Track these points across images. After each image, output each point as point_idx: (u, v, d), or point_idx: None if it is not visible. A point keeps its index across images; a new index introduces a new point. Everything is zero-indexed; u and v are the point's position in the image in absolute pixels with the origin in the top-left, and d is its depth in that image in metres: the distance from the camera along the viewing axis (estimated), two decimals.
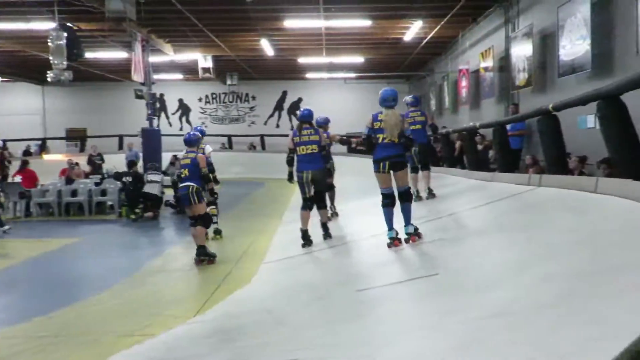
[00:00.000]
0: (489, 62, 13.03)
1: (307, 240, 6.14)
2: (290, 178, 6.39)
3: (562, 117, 5.74)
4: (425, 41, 16.15)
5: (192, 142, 6.79)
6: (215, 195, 7.50)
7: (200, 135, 7.28)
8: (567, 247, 3.07)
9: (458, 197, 6.89)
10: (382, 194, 5.16)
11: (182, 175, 6.47)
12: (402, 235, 4.95)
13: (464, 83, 15.25)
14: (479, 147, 9.97)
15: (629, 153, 4.17)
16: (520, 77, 10.91)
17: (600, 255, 2.67)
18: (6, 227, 8.98)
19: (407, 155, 5.59)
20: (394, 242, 4.90)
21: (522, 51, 10.75)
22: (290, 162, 6.34)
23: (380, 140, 5.21)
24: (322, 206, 6.51)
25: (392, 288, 3.51)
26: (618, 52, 7.77)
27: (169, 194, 11.56)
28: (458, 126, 13.22)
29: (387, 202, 5.10)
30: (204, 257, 6.23)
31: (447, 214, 5.83)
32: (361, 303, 3.36)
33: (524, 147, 10.42)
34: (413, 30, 14.56)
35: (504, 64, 12.29)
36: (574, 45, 8.50)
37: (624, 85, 4.07)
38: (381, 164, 5.10)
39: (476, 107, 14.49)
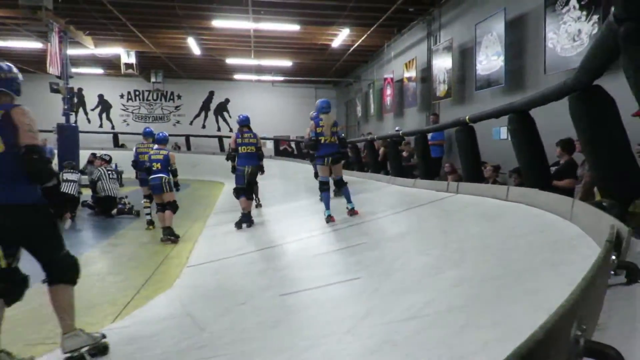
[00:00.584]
0: (412, 73, 13.54)
1: (250, 220, 7.59)
2: (233, 170, 7.85)
3: (478, 128, 6.09)
4: (352, 49, 16.53)
5: (162, 140, 8.10)
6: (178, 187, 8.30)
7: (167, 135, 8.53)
8: (479, 252, 3.27)
9: (381, 202, 7.10)
10: (320, 181, 6.84)
11: (154, 168, 7.72)
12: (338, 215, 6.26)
13: (388, 91, 15.74)
14: (404, 153, 10.32)
15: (536, 164, 4.51)
16: (441, 89, 11.43)
17: (507, 260, 2.88)
18: None
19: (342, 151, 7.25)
20: (331, 218, 6.40)
21: (443, 64, 11.27)
22: (232, 159, 7.88)
23: (322, 141, 6.70)
24: (250, 197, 7.81)
25: (315, 292, 3.57)
26: (529, 69, 8.35)
27: (86, 194, 11.03)
28: (383, 133, 13.64)
29: (325, 188, 6.73)
30: (171, 236, 7.38)
31: (369, 219, 6.00)
32: (284, 307, 3.39)
33: (444, 155, 10.92)
34: (341, 37, 14.86)
35: (426, 75, 12.83)
36: (490, 60, 9.03)
37: (532, 101, 4.39)
38: (325, 159, 6.75)
39: (400, 115, 14.99)
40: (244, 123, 7.99)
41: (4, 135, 2.86)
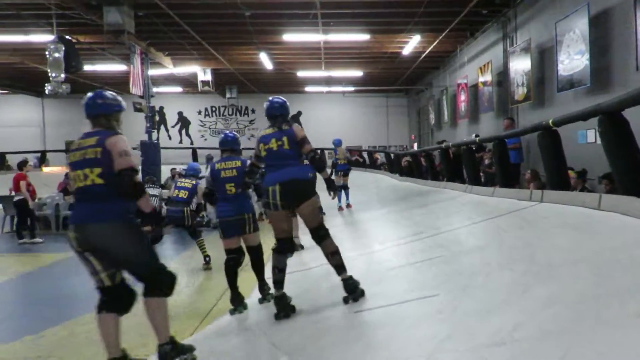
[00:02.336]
0: (487, 77, 13.04)
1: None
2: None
3: (561, 132, 5.68)
4: (423, 55, 16.22)
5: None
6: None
7: None
8: (571, 267, 2.98)
9: (457, 212, 6.80)
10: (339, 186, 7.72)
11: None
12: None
13: (462, 97, 15.26)
14: (486, 160, 9.90)
15: (632, 170, 4.11)
16: (519, 92, 10.90)
17: (605, 276, 2.58)
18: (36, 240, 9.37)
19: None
20: (340, 208, 10.26)
21: (521, 66, 10.75)
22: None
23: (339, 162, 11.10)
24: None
25: (391, 309, 3.41)
26: (616, 67, 7.75)
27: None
28: (457, 140, 13.21)
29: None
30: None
31: (445, 230, 5.74)
32: (358, 326, 3.26)
33: (523, 161, 10.37)
34: (411, 44, 14.61)
35: (502, 79, 12.30)
36: (573, 60, 8.48)
37: (624, 100, 4.01)
38: (339, 172, 11.04)
39: (475, 121, 14.48)
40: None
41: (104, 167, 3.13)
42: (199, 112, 25.13)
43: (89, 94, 3.58)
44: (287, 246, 4.24)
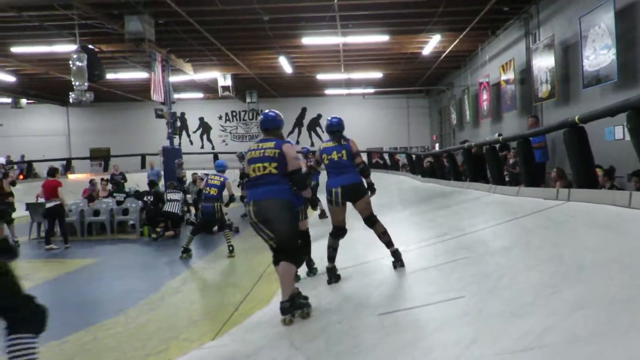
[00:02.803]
0: (509, 75, 12.84)
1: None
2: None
3: (588, 129, 5.53)
4: (444, 55, 16.06)
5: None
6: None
7: None
8: (602, 268, 2.87)
9: (481, 213, 6.68)
10: None
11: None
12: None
13: (484, 96, 15.06)
14: (511, 160, 9.71)
15: None
16: (543, 89, 10.70)
17: (638, 278, 2.47)
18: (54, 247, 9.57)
19: None
20: None
21: (544, 63, 10.55)
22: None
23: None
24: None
25: (415, 312, 3.33)
26: None
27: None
28: (479, 139, 13.02)
29: None
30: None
31: (470, 231, 5.63)
32: (381, 329, 3.19)
33: (548, 160, 10.16)
34: (431, 44, 14.48)
35: (525, 77, 12.10)
36: (598, 55, 8.28)
37: None
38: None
39: (498, 119, 14.27)
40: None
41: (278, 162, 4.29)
42: (220, 117, 25.32)
43: (265, 113, 4.76)
44: (341, 232, 5.40)
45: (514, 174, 9.52)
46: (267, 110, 4.81)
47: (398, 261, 5.10)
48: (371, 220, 5.32)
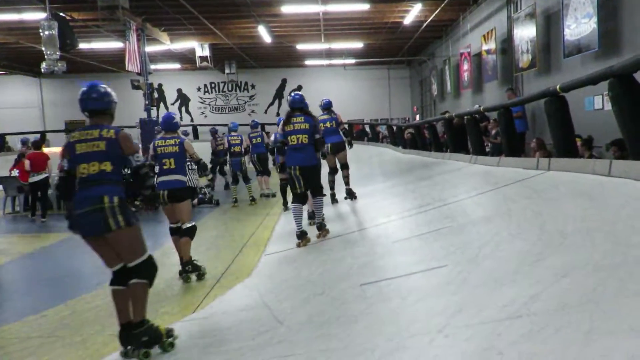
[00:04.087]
0: (491, 45, 12.77)
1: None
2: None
3: (568, 99, 5.52)
4: (425, 25, 15.89)
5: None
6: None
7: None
8: (585, 236, 2.86)
9: (462, 183, 6.68)
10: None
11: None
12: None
13: (465, 67, 15.00)
14: (493, 131, 9.70)
15: None
16: (524, 59, 10.67)
17: (624, 245, 2.46)
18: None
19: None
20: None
21: (525, 32, 10.50)
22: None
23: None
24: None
25: (397, 282, 3.32)
26: (626, 29, 7.53)
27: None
28: (461, 110, 13.01)
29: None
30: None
31: (452, 201, 5.63)
32: (364, 299, 3.17)
33: (528, 130, 10.20)
34: (413, 13, 14.30)
35: (507, 46, 12.04)
36: (580, 24, 8.24)
37: (639, 62, 3.84)
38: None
39: (479, 90, 14.26)
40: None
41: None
42: (199, 89, 24.85)
43: (293, 94, 6.10)
44: (334, 170, 8.11)
45: (495, 144, 9.55)
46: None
47: (352, 196, 8.03)
48: (346, 166, 8.03)
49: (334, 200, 8.17)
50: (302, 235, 5.74)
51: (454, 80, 16.48)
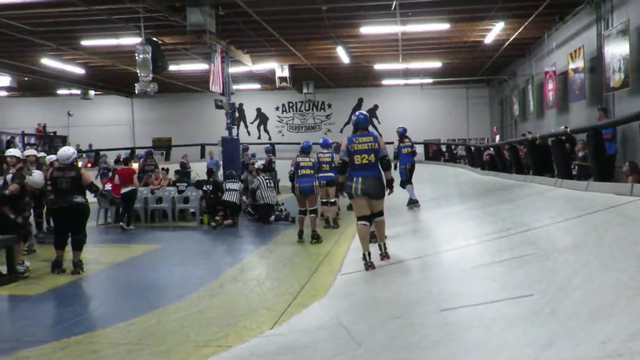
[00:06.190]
0: (578, 63, 12.22)
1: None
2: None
3: None
4: (507, 43, 15.47)
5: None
6: None
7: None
8: None
9: (546, 208, 6.39)
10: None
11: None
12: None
13: (550, 86, 14.42)
14: (580, 153, 9.23)
15: None
16: (615, 78, 10.11)
17: None
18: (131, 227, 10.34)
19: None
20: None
21: (617, 50, 9.96)
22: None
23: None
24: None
25: (479, 309, 3.21)
26: None
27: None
28: (544, 131, 12.49)
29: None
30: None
31: (535, 227, 5.39)
32: (444, 326, 3.10)
33: (617, 152, 9.60)
34: (494, 32, 13.98)
35: (596, 65, 11.46)
36: None
37: None
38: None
39: (565, 110, 13.64)
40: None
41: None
42: (277, 108, 25.54)
43: (358, 114, 6.05)
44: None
45: (582, 167, 9.05)
46: (357, 112, 6.11)
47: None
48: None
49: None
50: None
51: (537, 100, 15.87)
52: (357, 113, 6.10)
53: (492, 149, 13.39)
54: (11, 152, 9.07)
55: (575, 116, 12.85)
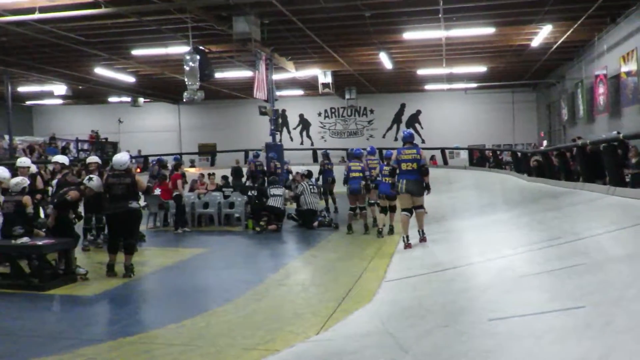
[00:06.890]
0: (631, 66, 11.82)
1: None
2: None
3: None
4: (555, 46, 15.10)
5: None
6: None
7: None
8: None
9: (597, 216, 6.21)
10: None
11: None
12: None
13: (601, 90, 13.99)
14: (633, 160, 8.92)
15: None
16: None
17: None
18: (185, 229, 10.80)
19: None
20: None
21: None
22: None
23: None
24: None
25: (529, 320, 3.17)
26: None
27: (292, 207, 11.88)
28: (594, 137, 12.12)
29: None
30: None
31: (586, 236, 5.26)
32: (493, 335, 3.08)
33: None
34: (541, 35, 13.69)
35: None
36: None
37: None
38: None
39: (616, 115, 13.20)
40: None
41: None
42: (319, 114, 25.73)
43: (405, 131, 7.85)
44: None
45: (636, 174, 8.73)
46: (404, 130, 7.98)
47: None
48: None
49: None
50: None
51: (587, 104, 15.41)
52: (404, 130, 8.19)
53: (539, 154, 13.07)
54: (57, 159, 9.42)
55: (628, 121, 12.41)
